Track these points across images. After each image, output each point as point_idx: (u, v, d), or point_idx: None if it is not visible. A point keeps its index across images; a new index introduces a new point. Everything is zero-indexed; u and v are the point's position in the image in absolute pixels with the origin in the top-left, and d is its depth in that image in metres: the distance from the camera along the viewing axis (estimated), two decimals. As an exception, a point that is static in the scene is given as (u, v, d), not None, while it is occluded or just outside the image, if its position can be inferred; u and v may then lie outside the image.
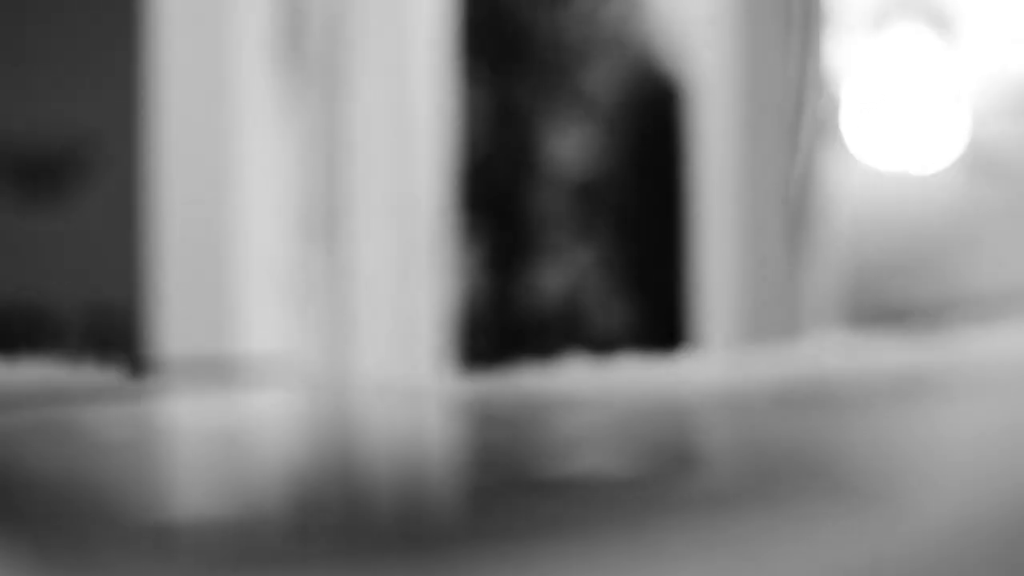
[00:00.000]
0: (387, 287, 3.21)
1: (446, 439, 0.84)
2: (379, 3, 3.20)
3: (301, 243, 2.68)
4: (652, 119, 3.71)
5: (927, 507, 0.53)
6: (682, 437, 0.71)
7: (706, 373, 0.84)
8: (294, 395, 0.88)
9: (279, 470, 0.72)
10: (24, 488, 0.68)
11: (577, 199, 4.69)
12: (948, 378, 0.65)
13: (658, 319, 3.74)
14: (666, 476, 0.67)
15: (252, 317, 2.33)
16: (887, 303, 2.80)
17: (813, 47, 2.74)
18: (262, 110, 2.39)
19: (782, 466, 0.63)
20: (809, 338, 2.79)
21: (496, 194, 4.70)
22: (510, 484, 0.73)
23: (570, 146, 4.68)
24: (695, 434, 0.72)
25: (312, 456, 0.75)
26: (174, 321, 2.32)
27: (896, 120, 2.85)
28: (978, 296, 2.62)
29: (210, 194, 2.28)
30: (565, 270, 4.68)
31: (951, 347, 0.70)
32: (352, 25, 3.17)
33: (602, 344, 4.67)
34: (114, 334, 3.46)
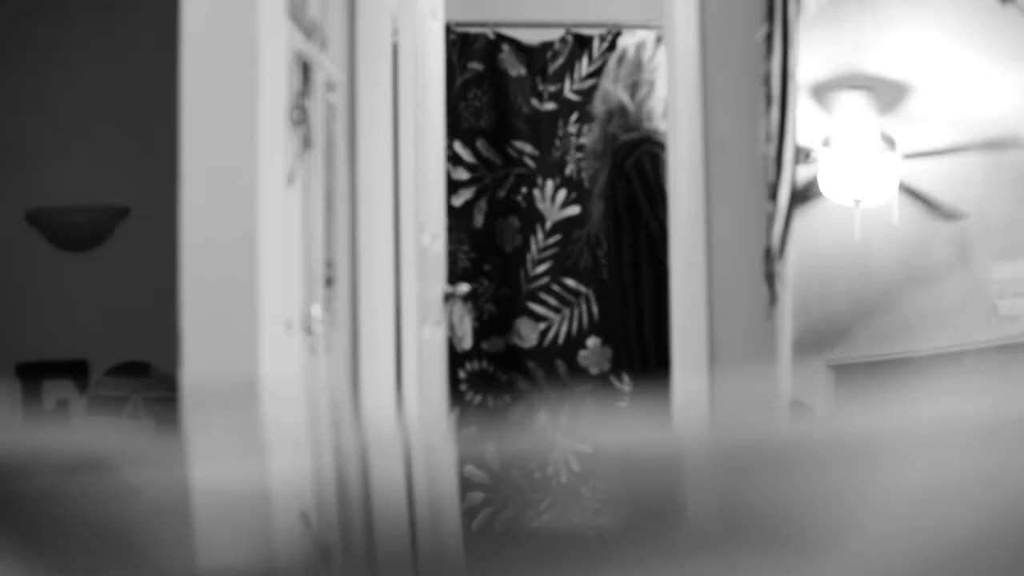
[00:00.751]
0: (390, 330, 3.22)
1: (444, 492, 0.85)
2: (380, 80, 3.22)
3: (312, 291, 2.69)
4: (629, 171, 3.73)
5: (862, 556, 0.55)
6: (659, 494, 0.73)
7: (678, 435, 0.86)
8: (306, 458, 0.90)
9: (295, 524, 0.73)
10: (72, 539, 0.70)
11: (563, 244, 4.70)
12: (885, 441, 0.67)
13: (635, 352, 3.74)
14: (645, 529, 0.68)
15: (270, 356, 2.34)
16: (842, 339, 2.82)
17: (790, 111, 2.76)
18: (278, 177, 2.40)
19: (743, 518, 0.65)
20: (772, 374, 2.80)
21: (491, 240, 4.71)
22: (504, 534, 0.75)
23: (557, 196, 4.69)
24: (670, 492, 0.74)
25: (327, 511, 0.77)
26: (201, 364, 2.32)
27: (849, 166, 2.88)
28: (920, 348, 2.64)
29: (233, 251, 2.29)
30: (553, 310, 4.69)
31: (888, 410, 0.72)
32: (359, 104, 3.19)
33: (585, 377, 4.66)
34: (148, 381, 3.47)
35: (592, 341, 4.63)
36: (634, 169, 3.69)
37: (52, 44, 3.62)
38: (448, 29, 4.51)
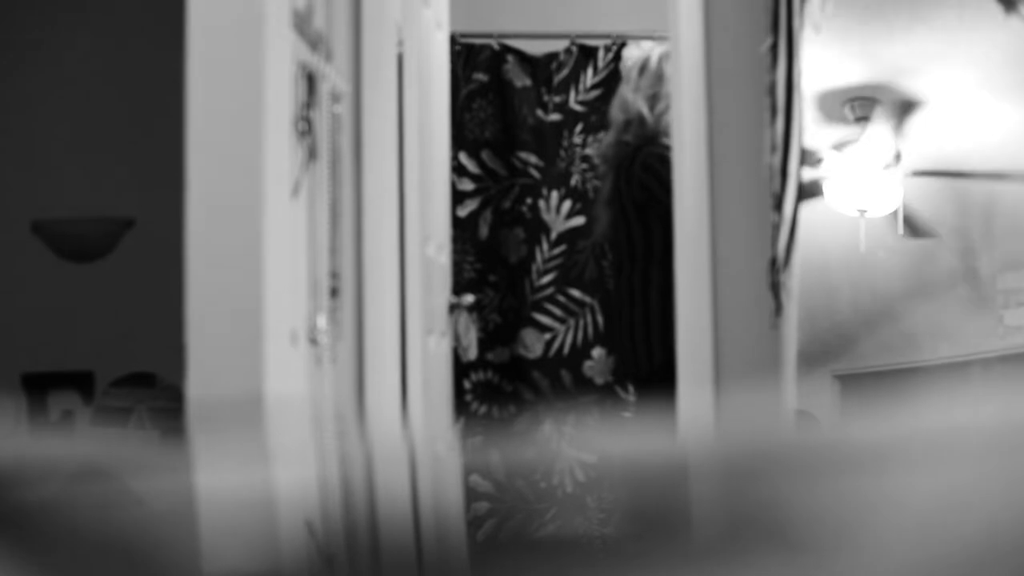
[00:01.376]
0: (395, 341, 3.22)
1: (449, 501, 0.85)
2: (386, 91, 3.23)
3: (317, 302, 2.69)
4: (640, 174, 3.74)
5: (867, 563, 0.55)
6: (665, 503, 0.73)
7: (684, 444, 0.86)
8: (311, 467, 0.90)
9: (301, 533, 0.73)
10: (78, 548, 0.70)
11: (568, 255, 4.71)
12: (890, 450, 0.67)
13: (642, 359, 3.74)
14: (651, 537, 0.68)
15: (275, 368, 2.34)
16: (847, 353, 2.82)
17: (794, 122, 2.76)
18: (284, 188, 2.40)
19: (749, 526, 0.65)
20: (779, 387, 2.80)
21: (496, 251, 4.71)
22: (509, 544, 0.75)
23: (562, 207, 4.69)
24: (676, 499, 0.74)
25: (332, 519, 0.77)
26: (207, 375, 2.32)
27: (854, 177, 2.88)
28: (926, 359, 2.64)
29: (238, 262, 2.29)
30: (558, 321, 4.68)
31: (896, 419, 0.72)
32: (364, 115, 3.20)
33: (590, 387, 4.66)
34: (153, 392, 3.47)
35: (597, 351, 4.62)
36: (642, 170, 3.69)
37: (58, 55, 3.63)
38: (453, 40, 4.51)
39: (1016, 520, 0.58)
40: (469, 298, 3.96)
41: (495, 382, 4.61)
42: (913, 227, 2.80)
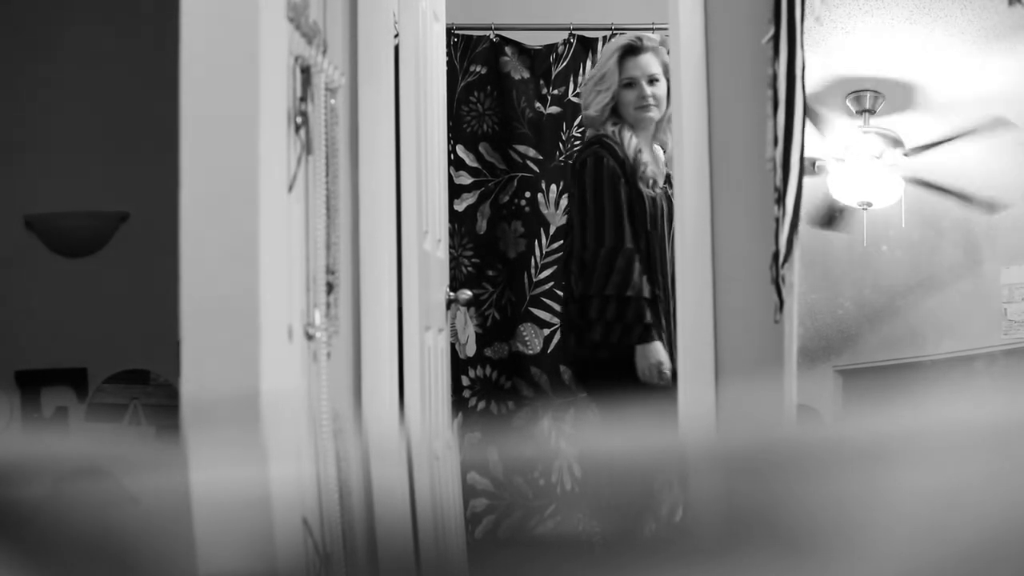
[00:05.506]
0: (393, 337, 3.22)
1: (447, 498, 0.85)
2: (382, 84, 3.22)
3: (314, 298, 2.69)
4: (577, 173, 3.81)
5: (870, 559, 0.55)
6: (664, 499, 0.73)
7: (685, 440, 0.86)
8: (308, 464, 0.90)
9: (297, 530, 0.73)
10: (72, 547, 0.70)
11: (562, 247, 4.70)
12: (893, 445, 0.67)
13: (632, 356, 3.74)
14: (650, 534, 0.69)
15: (271, 364, 2.33)
16: (850, 346, 2.82)
17: (796, 114, 2.76)
18: (279, 182, 2.40)
19: (747, 524, 0.65)
20: (779, 381, 2.80)
21: (494, 246, 4.71)
22: (507, 540, 0.75)
23: (560, 201, 4.69)
24: (675, 496, 0.74)
25: (330, 517, 0.77)
26: (201, 372, 2.32)
27: (856, 170, 2.88)
28: (926, 354, 2.65)
29: (234, 257, 2.29)
30: (557, 316, 4.69)
31: (899, 414, 0.73)
32: (361, 108, 3.20)
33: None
34: (148, 388, 3.47)
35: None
36: (579, 172, 3.76)
37: (52, 49, 3.63)
38: (450, 31, 4.51)
39: (1020, 517, 0.58)
40: (467, 293, 3.96)
41: (493, 378, 4.61)
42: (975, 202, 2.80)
